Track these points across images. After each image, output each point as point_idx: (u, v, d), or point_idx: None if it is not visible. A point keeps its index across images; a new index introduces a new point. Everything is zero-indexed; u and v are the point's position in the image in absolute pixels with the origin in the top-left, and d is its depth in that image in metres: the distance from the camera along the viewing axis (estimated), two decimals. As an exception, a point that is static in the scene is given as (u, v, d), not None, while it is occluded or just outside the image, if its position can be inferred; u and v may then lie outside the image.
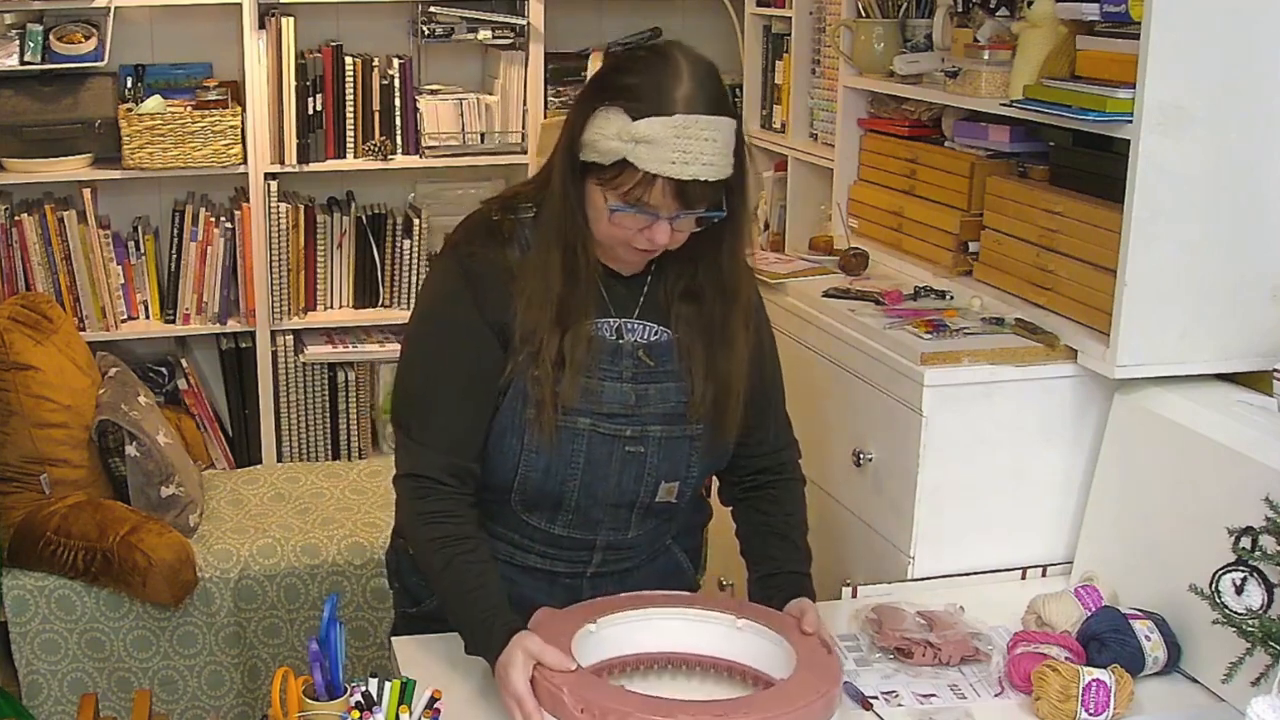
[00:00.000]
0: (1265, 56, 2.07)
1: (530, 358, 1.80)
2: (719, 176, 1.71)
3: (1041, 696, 1.84)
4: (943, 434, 2.23)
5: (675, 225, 1.74)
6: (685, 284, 1.86)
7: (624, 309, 1.87)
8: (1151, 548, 2.11)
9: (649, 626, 1.82)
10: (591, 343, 1.81)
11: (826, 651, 1.77)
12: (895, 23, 3.01)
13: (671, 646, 1.83)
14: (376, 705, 1.63)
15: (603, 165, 1.71)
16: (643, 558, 2.00)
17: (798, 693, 1.67)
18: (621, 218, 1.74)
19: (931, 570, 2.28)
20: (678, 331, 1.87)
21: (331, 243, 3.90)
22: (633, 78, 1.72)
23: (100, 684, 3.06)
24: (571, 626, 1.75)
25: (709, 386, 1.86)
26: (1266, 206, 2.13)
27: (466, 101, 3.93)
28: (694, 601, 1.88)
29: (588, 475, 1.86)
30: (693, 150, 1.67)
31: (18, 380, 3.06)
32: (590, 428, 1.84)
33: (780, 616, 1.84)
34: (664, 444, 1.88)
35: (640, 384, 1.86)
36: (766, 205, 3.86)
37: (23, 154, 3.60)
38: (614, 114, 1.69)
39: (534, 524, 1.92)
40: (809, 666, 1.73)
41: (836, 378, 2.48)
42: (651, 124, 1.67)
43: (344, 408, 3.97)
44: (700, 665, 1.84)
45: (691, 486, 1.94)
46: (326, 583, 3.16)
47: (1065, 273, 2.32)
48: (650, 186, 1.69)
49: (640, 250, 1.79)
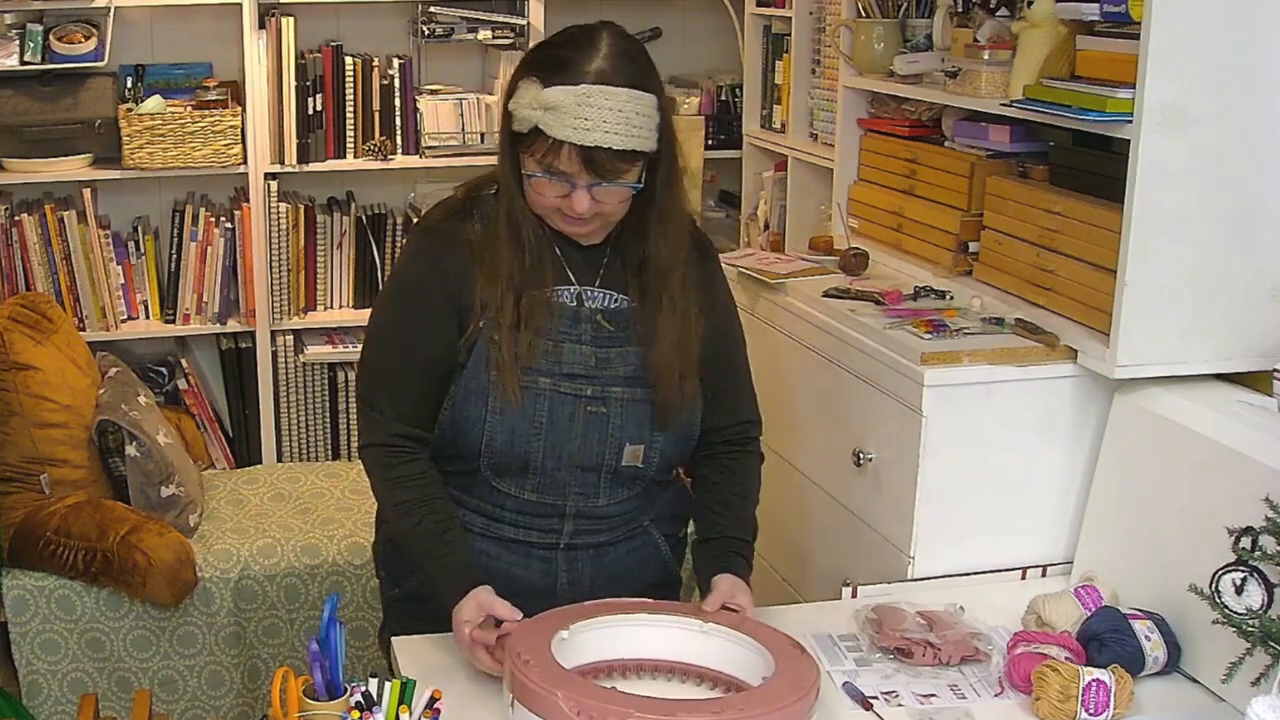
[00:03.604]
0: (1265, 56, 2.07)
1: (490, 322, 1.89)
2: (625, 146, 1.79)
3: (1041, 696, 1.84)
4: (943, 434, 2.23)
5: (595, 194, 1.83)
6: (638, 257, 1.94)
7: (585, 277, 1.96)
8: (1151, 548, 2.11)
9: (619, 633, 1.86)
10: (550, 307, 1.91)
11: (795, 647, 1.81)
12: (895, 23, 3.01)
13: (642, 652, 1.87)
14: (376, 705, 1.63)
15: (522, 133, 1.82)
16: (618, 533, 2.03)
17: (786, 690, 1.70)
18: (541, 184, 1.84)
19: (931, 570, 2.28)
20: (637, 301, 1.95)
21: (331, 243, 3.89)
22: (555, 51, 1.84)
23: (100, 684, 3.06)
24: (546, 635, 1.79)
25: (657, 356, 1.94)
26: (1266, 206, 2.13)
27: (466, 101, 3.93)
28: (659, 608, 1.91)
29: (551, 435, 1.93)
30: (594, 118, 1.76)
31: (18, 380, 3.06)
32: (551, 387, 1.92)
33: (747, 621, 1.88)
34: (626, 406, 1.95)
35: (601, 347, 1.94)
36: (766, 205, 3.86)
37: (23, 154, 3.59)
38: (530, 84, 1.81)
39: (505, 490, 1.97)
40: (787, 664, 1.76)
41: (836, 378, 2.48)
42: (558, 92, 1.77)
43: (344, 408, 3.96)
44: (671, 670, 1.87)
45: (659, 452, 1.98)
46: (326, 583, 3.16)
47: (1065, 273, 2.32)
48: (558, 152, 1.79)
49: (572, 220, 1.87)
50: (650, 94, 1.82)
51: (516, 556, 2.01)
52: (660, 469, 2.01)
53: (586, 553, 2.02)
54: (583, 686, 1.68)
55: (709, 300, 2.01)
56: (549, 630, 1.80)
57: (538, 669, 1.69)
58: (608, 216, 1.88)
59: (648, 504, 2.05)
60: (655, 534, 2.08)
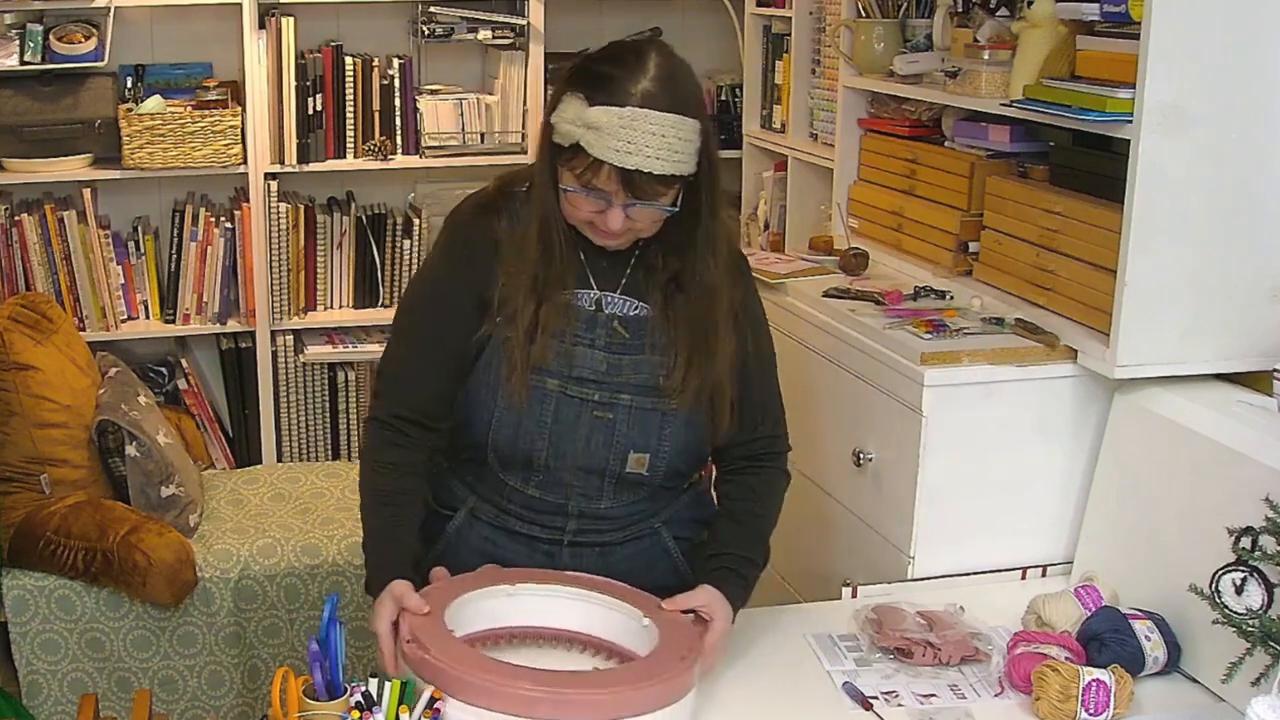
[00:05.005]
0: (1265, 56, 2.07)
1: (507, 320, 1.91)
2: (666, 171, 1.78)
3: (1041, 696, 1.84)
4: (943, 434, 2.23)
5: (630, 213, 1.83)
6: (671, 273, 1.94)
7: (607, 283, 1.96)
8: (1151, 548, 2.11)
9: (518, 602, 1.90)
10: (567, 310, 1.92)
11: (694, 626, 1.84)
12: (895, 23, 3.01)
13: (541, 621, 1.90)
14: (376, 705, 1.63)
15: (562, 147, 1.81)
16: (625, 533, 2.03)
17: (655, 667, 1.73)
18: (576, 199, 1.84)
19: (931, 570, 2.28)
20: (657, 311, 1.95)
21: (331, 243, 3.90)
22: (603, 67, 1.82)
23: (100, 684, 3.06)
24: (449, 596, 1.85)
25: (691, 375, 1.93)
26: (1266, 206, 2.13)
27: (466, 101, 3.93)
28: (588, 584, 1.93)
29: (555, 436, 1.94)
30: (638, 141, 1.76)
31: (18, 380, 3.06)
32: (559, 389, 1.93)
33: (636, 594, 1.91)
34: (634, 414, 1.95)
35: (614, 353, 1.94)
36: (766, 205, 3.86)
37: (23, 154, 3.60)
38: (576, 100, 1.79)
39: (510, 484, 1.99)
40: (668, 642, 1.79)
41: (836, 378, 2.48)
42: (603, 112, 1.76)
43: (344, 408, 3.97)
44: (557, 638, 1.90)
45: (665, 462, 1.98)
46: (326, 583, 3.15)
47: (1065, 273, 2.32)
48: (598, 171, 1.78)
49: (601, 233, 1.87)
50: (694, 119, 1.81)
51: (522, 548, 2.02)
52: (667, 477, 2.00)
53: (592, 550, 2.02)
54: (440, 632, 1.73)
55: (743, 317, 2.00)
56: (453, 593, 1.86)
57: (424, 633, 1.74)
58: (639, 232, 1.89)
59: (656, 507, 2.04)
60: (666, 536, 2.07)
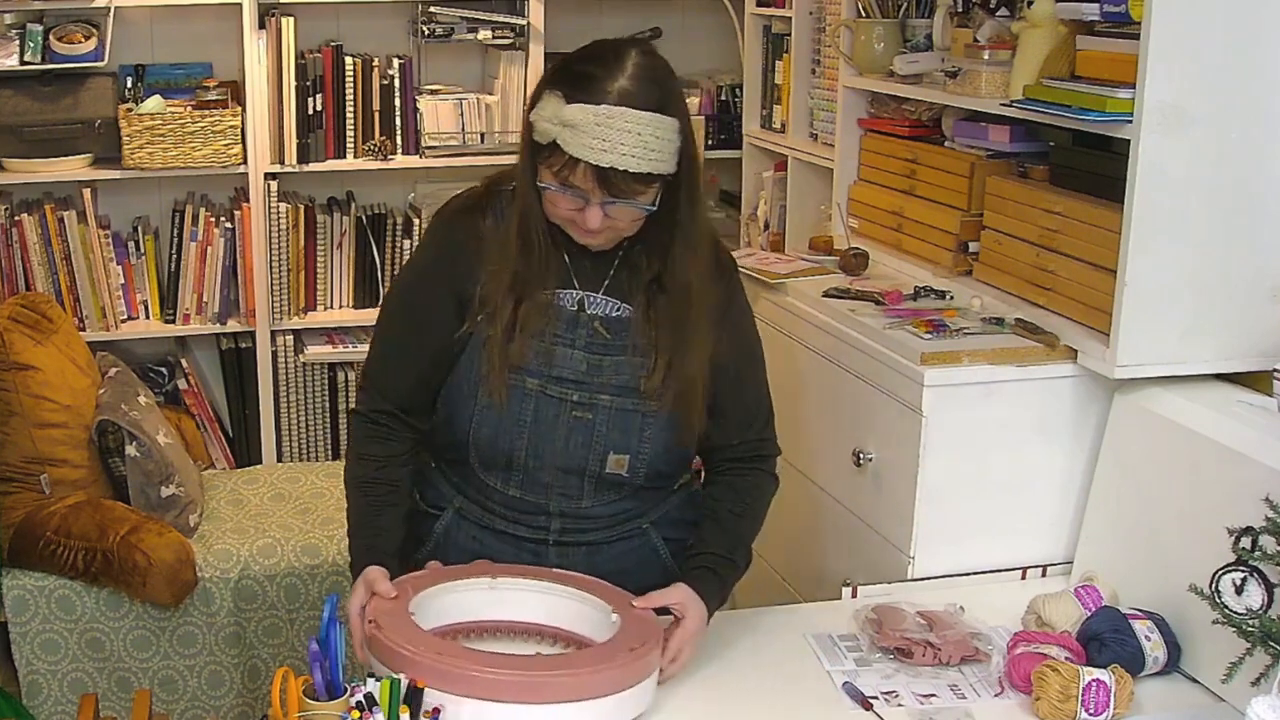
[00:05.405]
0: (1265, 56, 2.07)
1: (488, 319, 1.92)
2: (642, 169, 1.78)
3: (1041, 696, 1.84)
4: (943, 434, 2.23)
5: (609, 211, 1.83)
6: (653, 274, 1.94)
7: (590, 283, 1.96)
8: (1151, 548, 2.11)
9: (493, 596, 1.92)
10: (548, 309, 1.93)
11: (659, 623, 1.87)
12: (895, 23, 3.01)
13: (512, 615, 1.93)
14: (377, 705, 1.63)
15: (541, 144, 1.82)
16: (611, 533, 2.03)
17: (606, 653, 1.76)
18: (555, 196, 1.85)
19: (931, 570, 2.28)
20: (639, 312, 1.95)
21: (331, 243, 3.89)
22: (582, 65, 1.83)
23: (100, 684, 3.06)
24: (425, 583, 1.89)
25: (671, 378, 1.94)
26: (1266, 206, 2.13)
27: (466, 101, 3.93)
28: (572, 581, 1.95)
29: (534, 435, 1.95)
30: (612, 139, 1.76)
31: (18, 380, 3.06)
32: (538, 389, 1.94)
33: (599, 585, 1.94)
34: (613, 414, 1.95)
35: (595, 354, 1.94)
36: (766, 205, 3.86)
37: (23, 154, 3.59)
38: (554, 97, 1.80)
39: (491, 484, 2.00)
40: (624, 634, 1.81)
41: (836, 378, 2.48)
42: (579, 110, 1.77)
43: (344, 408, 3.96)
44: (526, 631, 1.93)
45: (645, 463, 1.98)
46: (326, 583, 3.15)
47: (1065, 273, 2.32)
48: (574, 169, 1.79)
49: (582, 231, 1.88)
50: (672, 118, 1.81)
51: (508, 547, 2.03)
52: (648, 478, 2.00)
53: (578, 549, 2.02)
54: (405, 621, 1.76)
55: (723, 317, 2.00)
56: (429, 582, 1.89)
57: (389, 623, 1.77)
58: (620, 231, 1.89)
59: (644, 507, 2.04)
60: (654, 537, 2.07)
